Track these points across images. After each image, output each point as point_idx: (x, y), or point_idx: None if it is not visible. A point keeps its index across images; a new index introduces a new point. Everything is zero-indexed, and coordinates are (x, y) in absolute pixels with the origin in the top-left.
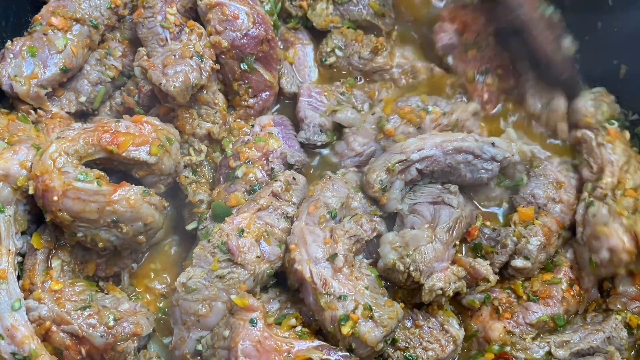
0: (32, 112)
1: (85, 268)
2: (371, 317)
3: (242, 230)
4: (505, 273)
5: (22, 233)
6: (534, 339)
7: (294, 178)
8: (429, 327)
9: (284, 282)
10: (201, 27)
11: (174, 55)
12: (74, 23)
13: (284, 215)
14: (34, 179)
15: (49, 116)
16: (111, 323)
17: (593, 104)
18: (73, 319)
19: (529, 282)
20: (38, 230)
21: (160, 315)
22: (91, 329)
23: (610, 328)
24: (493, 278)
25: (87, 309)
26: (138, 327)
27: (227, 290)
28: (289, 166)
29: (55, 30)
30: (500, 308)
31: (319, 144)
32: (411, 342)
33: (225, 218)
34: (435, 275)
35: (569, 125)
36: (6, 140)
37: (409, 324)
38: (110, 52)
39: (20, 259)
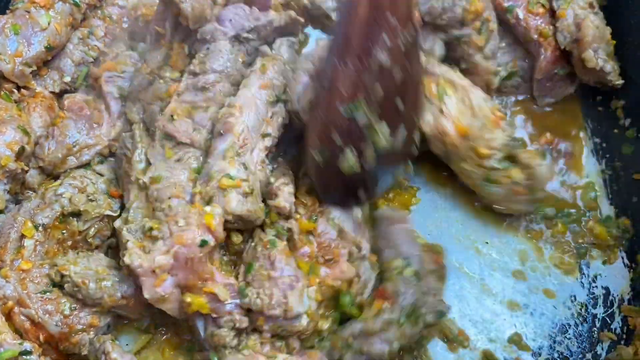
0: (15, 91)
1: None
2: (247, 194)
3: (171, 116)
4: None
5: (0, 212)
6: None
7: (207, 48)
8: (279, 277)
9: None
10: None
11: None
12: (56, 0)
13: (202, 88)
14: None
15: (32, 95)
16: (67, 311)
17: None
18: (32, 302)
19: None
20: (15, 209)
21: None
22: (47, 315)
23: None
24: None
25: (47, 293)
26: (95, 318)
27: (188, 169)
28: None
29: (37, 8)
30: None
31: None
32: (256, 283)
33: (155, 117)
34: None
35: None
36: None
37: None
38: (92, 31)
39: None
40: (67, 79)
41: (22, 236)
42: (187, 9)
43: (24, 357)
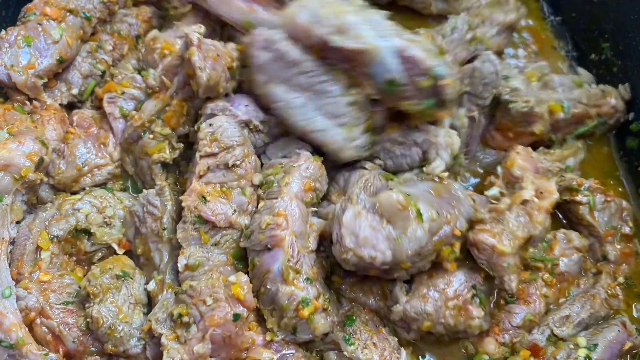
0: (27, 102)
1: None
2: (325, 310)
3: (203, 197)
4: None
5: (17, 222)
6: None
7: (210, 124)
8: (385, 338)
9: None
10: None
11: (218, 55)
12: (67, 14)
13: (225, 167)
14: None
15: (44, 107)
16: (84, 327)
17: None
18: (54, 313)
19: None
20: (30, 218)
21: None
22: (67, 329)
23: (603, 288)
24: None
25: (69, 305)
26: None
27: (227, 253)
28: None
29: (50, 21)
30: None
31: None
32: (358, 335)
33: (180, 197)
34: None
35: None
36: (6, 130)
37: (371, 325)
38: (101, 45)
39: (12, 247)
40: (75, 91)
41: (38, 248)
42: (203, 77)
43: None
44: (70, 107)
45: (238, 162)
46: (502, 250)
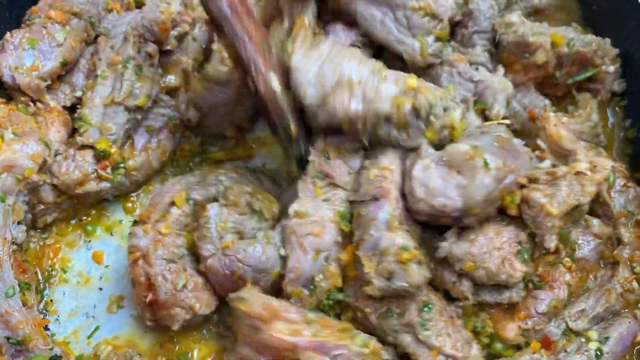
0: (31, 104)
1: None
2: (420, 263)
3: (327, 156)
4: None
5: (18, 223)
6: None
7: None
8: (459, 331)
9: None
10: None
11: None
12: (72, 17)
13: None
14: None
15: (47, 110)
16: (179, 287)
17: None
18: (155, 264)
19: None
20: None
21: None
22: (163, 281)
23: (619, 282)
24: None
25: (172, 264)
26: (197, 303)
27: (334, 210)
28: None
29: (54, 23)
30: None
31: None
32: (434, 323)
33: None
34: None
35: None
36: (11, 130)
37: (446, 315)
38: None
39: (15, 247)
40: (79, 93)
41: (173, 203)
42: None
43: None
44: (73, 109)
45: None
46: (550, 211)
